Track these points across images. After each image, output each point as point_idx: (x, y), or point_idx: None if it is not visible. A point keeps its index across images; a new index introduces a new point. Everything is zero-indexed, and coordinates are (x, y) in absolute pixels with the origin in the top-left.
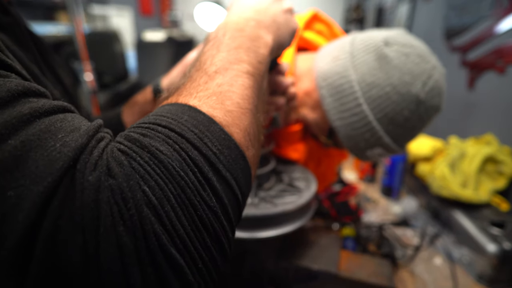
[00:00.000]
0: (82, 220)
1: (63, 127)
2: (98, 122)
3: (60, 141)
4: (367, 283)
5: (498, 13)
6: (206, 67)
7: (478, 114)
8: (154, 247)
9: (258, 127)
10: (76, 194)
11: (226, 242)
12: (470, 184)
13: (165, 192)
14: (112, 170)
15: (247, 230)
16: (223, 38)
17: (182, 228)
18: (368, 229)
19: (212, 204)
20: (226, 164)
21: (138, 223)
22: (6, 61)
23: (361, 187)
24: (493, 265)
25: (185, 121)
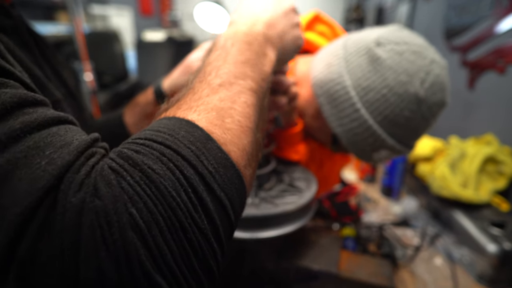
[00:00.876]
0: (61, 244)
1: (53, 142)
2: (93, 136)
3: (47, 158)
4: (367, 283)
5: (498, 13)
6: (211, 79)
7: (478, 114)
8: (137, 274)
9: (257, 146)
10: (57, 217)
11: (215, 264)
12: (471, 184)
13: (154, 214)
14: (99, 191)
15: (247, 230)
16: (231, 48)
17: (169, 253)
18: (368, 229)
19: (203, 226)
20: (221, 184)
21: (121, 248)
22: (5, 67)
23: (361, 187)
24: (494, 265)
25: (181, 137)
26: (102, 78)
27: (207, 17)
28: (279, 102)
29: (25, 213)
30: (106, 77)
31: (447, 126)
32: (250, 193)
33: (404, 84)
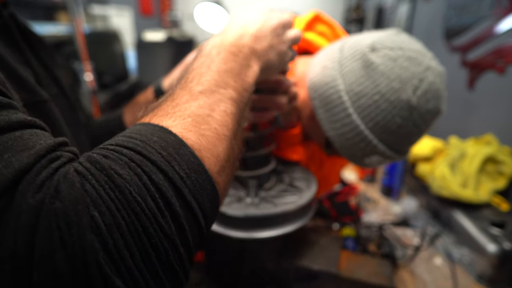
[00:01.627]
0: (14, 245)
1: (14, 146)
2: (59, 140)
3: (4, 162)
4: (367, 283)
5: (498, 13)
6: (192, 86)
7: (478, 114)
8: (95, 277)
9: (234, 154)
10: (10, 217)
11: (181, 270)
12: (470, 184)
13: (116, 218)
14: (60, 192)
15: (247, 230)
16: (216, 57)
17: (130, 257)
18: (368, 229)
19: (170, 232)
20: (192, 189)
21: (80, 250)
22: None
23: (361, 187)
24: (493, 265)
25: (153, 142)
26: (102, 78)
27: (207, 17)
28: (280, 101)
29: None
30: (106, 77)
31: (447, 126)
32: (250, 192)
33: (396, 91)
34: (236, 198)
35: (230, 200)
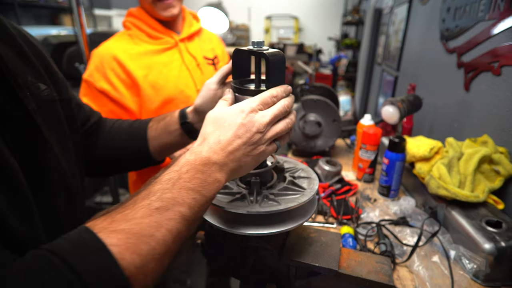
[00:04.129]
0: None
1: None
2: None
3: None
4: (367, 280)
5: (494, 16)
6: (152, 201)
7: (474, 115)
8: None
9: (164, 266)
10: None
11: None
12: (467, 184)
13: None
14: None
15: (249, 227)
16: (184, 174)
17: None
18: (367, 227)
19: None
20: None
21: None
22: None
23: (360, 186)
24: (489, 264)
25: (91, 261)
26: None
27: (208, 20)
28: (291, 123)
29: None
30: None
31: (443, 127)
32: (252, 190)
33: None
34: (239, 196)
35: (232, 198)
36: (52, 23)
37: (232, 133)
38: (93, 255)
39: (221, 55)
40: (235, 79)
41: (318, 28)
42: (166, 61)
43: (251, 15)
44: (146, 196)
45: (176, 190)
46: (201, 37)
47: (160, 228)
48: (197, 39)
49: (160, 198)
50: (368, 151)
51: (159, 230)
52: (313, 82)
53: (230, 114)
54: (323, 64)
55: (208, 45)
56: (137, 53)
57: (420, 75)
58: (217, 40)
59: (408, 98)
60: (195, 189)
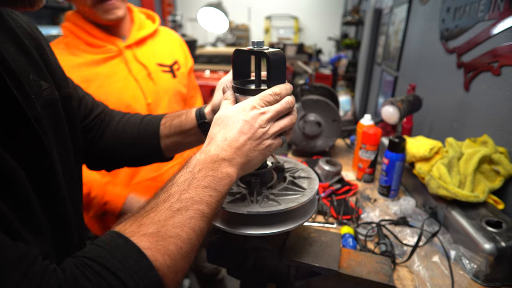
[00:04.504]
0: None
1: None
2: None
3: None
4: (367, 281)
5: (494, 16)
6: (173, 202)
7: (474, 115)
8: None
9: (190, 261)
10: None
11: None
12: (467, 183)
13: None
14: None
15: (250, 227)
16: (198, 174)
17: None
18: (367, 227)
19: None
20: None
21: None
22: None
23: (360, 186)
24: (490, 264)
25: (129, 266)
26: None
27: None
28: (294, 119)
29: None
30: None
31: (443, 127)
32: (253, 191)
33: None
34: (239, 196)
35: (233, 198)
36: (52, 23)
37: (236, 130)
38: (131, 259)
39: (183, 60)
40: (236, 79)
41: (318, 28)
42: (109, 72)
43: (251, 15)
44: (166, 198)
45: (193, 189)
46: (156, 40)
47: (184, 228)
48: (150, 43)
49: (179, 200)
50: (368, 151)
51: (183, 229)
52: (313, 82)
53: (233, 112)
54: (323, 64)
55: (166, 49)
56: (74, 65)
57: (420, 75)
58: (178, 43)
59: (408, 98)
60: (210, 186)
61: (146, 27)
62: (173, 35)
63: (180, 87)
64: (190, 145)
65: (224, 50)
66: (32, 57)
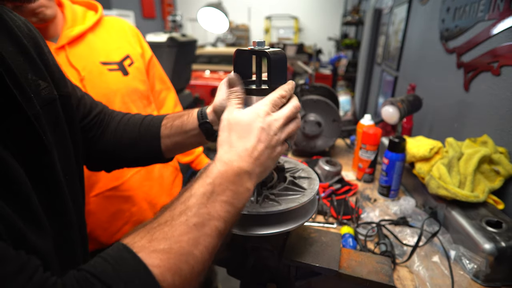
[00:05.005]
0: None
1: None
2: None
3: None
4: (367, 281)
5: (494, 16)
6: (189, 216)
7: (474, 115)
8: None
9: (203, 274)
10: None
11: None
12: (467, 183)
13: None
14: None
15: (250, 227)
16: (218, 187)
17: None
18: (367, 227)
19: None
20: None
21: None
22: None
23: (360, 186)
24: (490, 264)
25: (135, 286)
26: None
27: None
28: (299, 122)
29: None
30: None
31: (443, 127)
32: (253, 191)
33: None
34: None
35: None
36: None
37: (255, 138)
38: (136, 279)
39: (137, 53)
40: None
41: (318, 28)
42: None
43: (251, 15)
44: (183, 211)
45: (211, 204)
46: (99, 34)
47: (198, 246)
48: (91, 39)
49: (196, 214)
50: (368, 151)
51: (197, 247)
52: (313, 82)
53: (249, 118)
54: (323, 64)
55: (112, 43)
56: None
57: (420, 75)
58: (130, 33)
59: (408, 98)
60: (229, 201)
61: (86, 20)
62: (122, 25)
63: (136, 84)
64: (190, 146)
65: (224, 50)
66: (31, 56)
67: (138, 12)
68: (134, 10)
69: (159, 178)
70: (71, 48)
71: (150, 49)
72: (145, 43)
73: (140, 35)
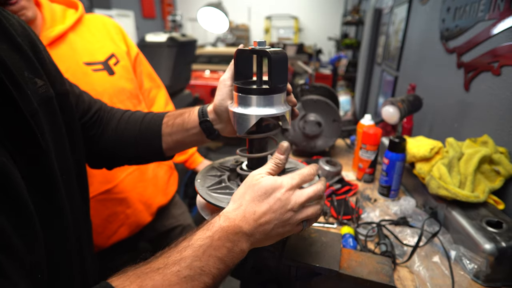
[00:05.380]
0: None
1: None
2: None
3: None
4: (367, 281)
5: (494, 16)
6: (182, 268)
7: (474, 115)
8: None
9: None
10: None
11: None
12: (467, 184)
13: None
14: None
15: None
16: (216, 242)
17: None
18: (367, 227)
19: None
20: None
21: None
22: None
23: (360, 186)
24: (490, 264)
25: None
26: None
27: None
28: (321, 209)
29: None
30: None
31: (443, 127)
32: None
33: None
34: None
35: None
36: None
37: (268, 206)
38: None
39: (122, 52)
40: (237, 79)
41: (318, 28)
42: None
43: (251, 15)
44: (177, 262)
45: (205, 258)
46: (81, 33)
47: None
48: (73, 38)
49: (189, 266)
50: (368, 151)
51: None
52: (313, 82)
53: (270, 186)
54: (323, 64)
55: (95, 42)
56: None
57: (420, 75)
58: (114, 31)
59: (408, 98)
60: (222, 259)
61: (66, 19)
62: (104, 22)
63: (123, 83)
64: (191, 144)
65: (224, 50)
66: (26, 54)
67: (138, 12)
68: (134, 10)
69: (153, 178)
70: (52, 49)
71: (135, 46)
72: (129, 40)
73: (124, 32)
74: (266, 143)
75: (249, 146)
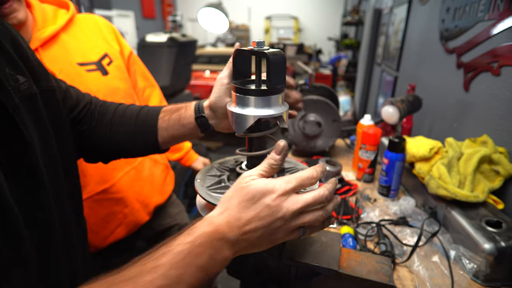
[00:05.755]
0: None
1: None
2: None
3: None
4: (367, 280)
5: (493, 16)
6: (156, 277)
7: (473, 115)
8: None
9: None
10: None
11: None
12: (467, 183)
13: None
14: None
15: None
16: (197, 248)
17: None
18: (367, 227)
19: None
20: None
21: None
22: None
23: (360, 186)
24: (489, 264)
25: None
26: None
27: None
28: (324, 216)
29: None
30: None
31: (443, 127)
32: None
33: None
34: None
35: None
36: None
37: (254, 213)
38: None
39: (115, 51)
40: (236, 79)
41: (318, 28)
42: None
43: (251, 15)
44: (152, 269)
45: (183, 265)
46: (73, 34)
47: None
48: (65, 39)
49: (164, 275)
50: (368, 151)
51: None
52: (313, 82)
53: (260, 190)
54: (323, 64)
55: (88, 42)
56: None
57: (420, 75)
58: (106, 30)
59: (408, 98)
60: (202, 267)
61: (58, 19)
62: (96, 22)
63: (117, 83)
64: (185, 137)
65: (224, 50)
66: (6, 51)
67: (138, 12)
68: (134, 10)
69: (150, 177)
70: (45, 51)
71: (128, 45)
72: (122, 39)
73: (116, 31)
74: (266, 142)
75: (248, 146)
